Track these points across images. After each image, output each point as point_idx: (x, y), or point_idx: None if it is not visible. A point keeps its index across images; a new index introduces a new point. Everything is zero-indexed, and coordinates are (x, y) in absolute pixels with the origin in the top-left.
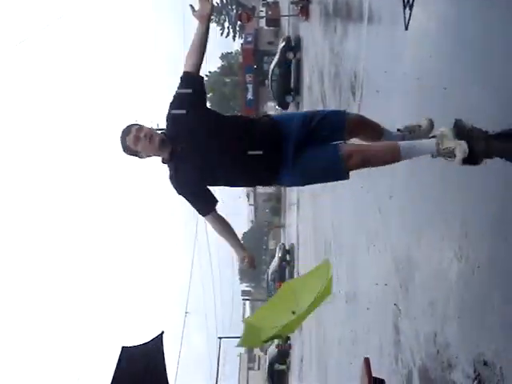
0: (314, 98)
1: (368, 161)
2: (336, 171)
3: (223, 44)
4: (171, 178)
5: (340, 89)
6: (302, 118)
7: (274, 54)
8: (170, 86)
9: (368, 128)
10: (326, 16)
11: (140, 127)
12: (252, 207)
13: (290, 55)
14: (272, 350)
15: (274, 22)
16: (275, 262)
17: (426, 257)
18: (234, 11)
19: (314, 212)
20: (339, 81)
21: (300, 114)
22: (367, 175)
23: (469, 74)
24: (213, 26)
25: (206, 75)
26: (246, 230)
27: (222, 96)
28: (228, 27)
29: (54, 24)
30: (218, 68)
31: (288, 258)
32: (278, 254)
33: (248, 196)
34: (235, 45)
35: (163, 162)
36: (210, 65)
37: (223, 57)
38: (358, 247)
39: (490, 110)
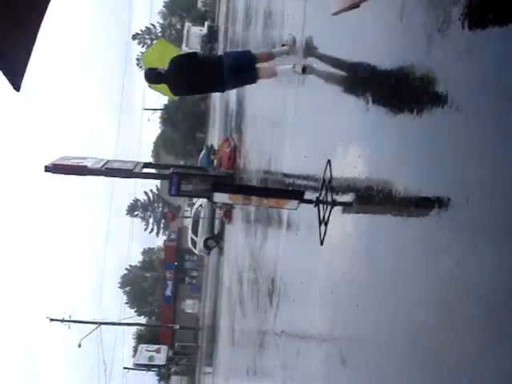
0: (232, 300)
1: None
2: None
3: (146, 239)
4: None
5: (258, 294)
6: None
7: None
8: None
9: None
10: (247, 222)
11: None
12: None
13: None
14: None
15: None
16: None
17: None
18: (160, 209)
19: None
20: (257, 287)
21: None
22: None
23: (378, 296)
24: (137, 220)
25: (127, 269)
26: None
27: (140, 290)
28: (153, 223)
29: None
30: (139, 262)
31: None
32: None
33: None
34: (158, 241)
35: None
36: (131, 259)
37: (145, 252)
38: None
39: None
